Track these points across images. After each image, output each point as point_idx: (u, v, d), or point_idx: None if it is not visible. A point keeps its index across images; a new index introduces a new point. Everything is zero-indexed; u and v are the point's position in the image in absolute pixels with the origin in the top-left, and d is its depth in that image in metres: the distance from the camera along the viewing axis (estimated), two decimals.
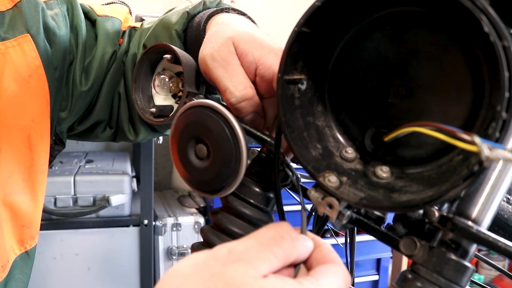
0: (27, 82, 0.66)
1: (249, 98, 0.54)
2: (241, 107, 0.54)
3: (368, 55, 0.45)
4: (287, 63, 0.42)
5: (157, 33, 0.73)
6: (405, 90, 0.43)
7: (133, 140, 0.83)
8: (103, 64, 0.76)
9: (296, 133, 0.44)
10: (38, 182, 0.70)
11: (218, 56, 0.55)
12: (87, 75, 0.75)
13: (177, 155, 0.50)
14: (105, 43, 0.77)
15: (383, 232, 0.44)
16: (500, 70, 0.32)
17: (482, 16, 0.32)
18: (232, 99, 0.54)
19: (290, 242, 0.38)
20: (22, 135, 0.67)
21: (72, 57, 0.74)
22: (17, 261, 0.67)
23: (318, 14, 0.41)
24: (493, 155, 0.30)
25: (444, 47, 0.40)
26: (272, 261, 0.37)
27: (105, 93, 0.78)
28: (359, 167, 0.45)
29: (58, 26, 0.71)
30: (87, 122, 0.80)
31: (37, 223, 0.70)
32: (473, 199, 0.40)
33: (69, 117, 0.76)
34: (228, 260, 0.36)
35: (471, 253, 0.40)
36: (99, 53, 0.76)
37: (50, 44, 0.70)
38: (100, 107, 0.79)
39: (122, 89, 0.79)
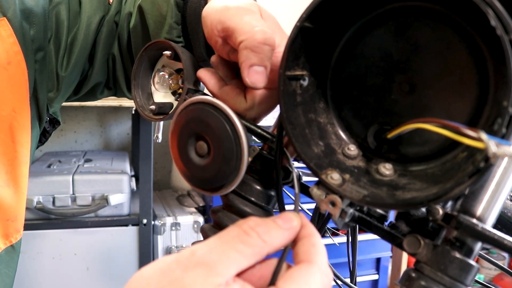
0: (5, 69, 0.63)
1: (273, 45, 0.49)
2: (262, 51, 0.48)
3: (370, 51, 0.44)
4: (288, 59, 0.42)
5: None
6: (409, 86, 0.43)
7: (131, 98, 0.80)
8: (89, 35, 0.72)
9: (298, 130, 0.43)
10: (21, 174, 0.68)
11: (245, 6, 0.52)
12: (70, 55, 0.72)
13: (177, 153, 0.49)
14: (90, 9, 0.72)
15: (386, 230, 0.43)
16: (506, 64, 0.31)
17: (488, 9, 0.32)
18: (259, 35, 0.48)
19: (256, 237, 0.36)
20: (3, 126, 0.64)
21: (50, 34, 0.70)
22: (2, 255, 0.66)
23: (321, 9, 0.40)
24: (500, 151, 0.29)
25: (448, 42, 0.40)
26: (239, 261, 0.35)
27: (99, 59, 0.75)
28: (361, 165, 0.44)
29: (37, 4, 0.67)
30: (83, 90, 0.78)
31: (22, 216, 0.69)
32: (478, 196, 0.39)
33: (58, 96, 0.74)
34: (190, 263, 0.34)
35: (475, 251, 0.39)
36: (84, 24, 0.72)
37: (31, 25, 0.67)
38: (96, 73, 0.76)
39: (116, 51, 0.76)
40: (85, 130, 2.69)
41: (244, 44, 0.49)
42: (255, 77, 0.48)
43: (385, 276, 2.42)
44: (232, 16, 0.50)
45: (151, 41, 0.59)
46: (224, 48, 0.54)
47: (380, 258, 2.37)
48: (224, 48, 0.54)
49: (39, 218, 1.88)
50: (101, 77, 0.78)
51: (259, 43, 0.48)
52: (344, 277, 0.63)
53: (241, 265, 0.35)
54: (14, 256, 0.68)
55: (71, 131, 2.66)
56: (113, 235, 1.96)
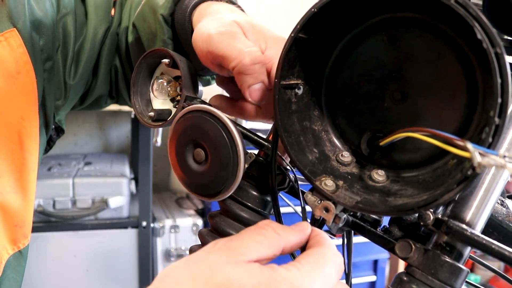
0: (15, 78, 0.65)
1: (261, 62, 0.52)
2: (254, 71, 0.51)
3: (363, 60, 0.45)
4: (283, 69, 0.43)
5: (145, 14, 0.70)
6: (401, 95, 0.44)
7: None
8: (95, 45, 0.74)
9: (293, 137, 0.44)
10: (29, 180, 0.69)
11: (224, 29, 0.54)
12: (77, 64, 0.74)
13: (176, 159, 0.50)
14: (95, 20, 0.74)
15: (379, 235, 0.45)
16: (493, 76, 0.32)
17: (475, 23, 0.33)
18: (247, 59, 0.51)
19: (271, 231, 0.39)
20: (12, 133, 0.66)
21: (58, 44, 0.72)
22: (10, 260, 0.67)
23: (315, 20, 0.41)
24: (485, 161, 0.30)
25: (439, 52, 0.41)
26: (258, 248, 0.37)
27: (103, 70, 0.77)
28: (355, 171, 0.45)
29: (46, 15, 0.69)
30: (88, 100, 0.80)
31: (29, 221, 0.70)
32: (467, 202, 0.41)
33: (66, 104, 0.75)
34: (213, 249, 0.37)
35: (465, 255, 0.40)
36: (90, 34, 0.74)
37: (40, 35, 0.68)
38: (100, 84, 0.78)
39: (118, 62, 0.78)
40: (85, 133, 2.70)
41: (236, 70, 0.52)
42: (255, 95, 0.52)
43: (382, 277, 2.42)
44: (217, 44, 0.53)
45: (150, 49, 0.60)
46: (222, 71, 0.57)
47: (378, 260, 2.38)
48: (222, 71, 0.57)
49: (40, 221, 1.88)
50: (104, 89, 0.80)
51: (249, 66, 0.51)
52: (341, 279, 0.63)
53: (260, 252, 0.37)
54: (22, 262, 0.69)
55: (71, 133, 2.67)
56: (112, 237, 1.97)
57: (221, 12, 0.59)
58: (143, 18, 0.70)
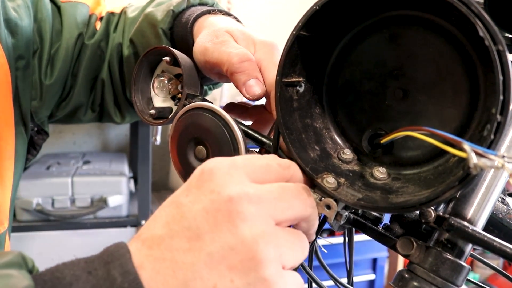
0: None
1: (250, 59, 0.55)
2: (244, 68, 0.54)
3: (365, 58, 0.45)
4: (285, 66, 0.43)
5: (143, 29, 0.73)
6: (402, 93, 0.44)
7: (119, 122, 0.84)
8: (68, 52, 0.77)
9: (294, 135, 0.44)
10: (5, 168, 0.70)
11: (217, 39, 0.58)
12: (52, 67, 0.76)
13: (177, 157, 0.50)
14: (70, 31, 0.77)
15: (380, 232, 0.45)
16: (494, 73, 0.32)
17: (477, 21, 0.33)
18: (235, 58, 0.54)
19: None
20: None
21: (36, 47, 0.75)
22: None
23: (316, 18, 0.41)
24: (481, 163, 0.31)
25: (440, 50, 0.41)
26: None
27: (82, 79, 0.79)
28: (356, 168, 0.45)
29: (20, 17, 0.71)
30: (66, 108, 0.81)
31: (6, 208, 0.70)
32: (469, 199, 0.41)
33: (43, 106, 0.77)
34: None
35: (466, 252, 0.41)
36: (65, 41, 0.77)
37: (12, 34, 0.70)
38: (78, 93, 0.80)
39: (106, 76, 0.80)
40: (83, 132, 2.69)
41: (229, 72, 0.55)
42: (251, 90, 0.53)
43: (381, 276, 2.43)
44: (212, 53, 0.58)
45: (151, 47, 0.61)
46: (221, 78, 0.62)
47: (377, 258, 2.38)
48: (221, 78, 0.62)
49: (39, 219, 1.88)
50: (84, 98, 0.82)
51: (238, 64, 0.54)
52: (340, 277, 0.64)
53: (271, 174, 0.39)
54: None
55: (70, 132, 2.66)
56: (111, 236, 1.96)
57: (216, 24, 0.63)
58: (141, 33, 0.73)
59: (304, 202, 0.38)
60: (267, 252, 0.34)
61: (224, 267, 0.33)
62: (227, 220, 0.34)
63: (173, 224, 0.35)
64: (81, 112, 0.83)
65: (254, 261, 0.33)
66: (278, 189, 0.37)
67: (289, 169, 0.40)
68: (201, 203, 0.35)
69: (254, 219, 0.34)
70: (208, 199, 0.35)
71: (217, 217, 0.34)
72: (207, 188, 0.35)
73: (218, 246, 0.33)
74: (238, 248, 0.33)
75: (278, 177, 0.39)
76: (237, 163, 0.37)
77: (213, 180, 0.35)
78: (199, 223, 0.34)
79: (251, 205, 0.34)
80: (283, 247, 0.35)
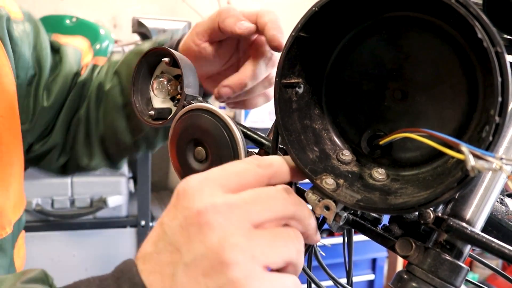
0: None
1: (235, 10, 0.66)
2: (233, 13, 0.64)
3: (364, 59, 0.45)
4: (284, 67, 0.43)
5: (129, 60, 0.79)
6: (401, 94, 0.44)
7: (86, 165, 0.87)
8: (67, 82, 0.81)
9: (293, 136, 0.44)
10: (7, 174, 0.70)
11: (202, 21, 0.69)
12: (49, 92, 0.80)
13: (176, 158, 0.50)
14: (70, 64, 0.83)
15: (379, 233, 0.45)
16: (493, 75, 0.32)
17: (475, 22, 0.33)
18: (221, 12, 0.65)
19: None
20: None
21: (33, 73, 0.78)
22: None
23: (315, 19, 0.41)
24: (478, 165, 0.31)
25: (439, 51, 0.41)
26: None
27: (63, 116, 0.83)
28: (355, 170, 0.45)
29: (21, 40, 0.74)
30: (45, 145, 0.84)
31: (7, 213, 0.71)
32: (467, 200, 0.41)
33: (31, 130, 0.79)
34: None
35: (465, 253, 0.41)
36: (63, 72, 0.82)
37: (14, 52, 0.73)
38: (58, 129, 0.83)
39: (83, 114, 0.84)
40: None
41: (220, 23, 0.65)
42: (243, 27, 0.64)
43: (381, 276, 2.43)
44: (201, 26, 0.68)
45: (151, 48, 0.61)
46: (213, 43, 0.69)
47: (376, 258, 2.38)
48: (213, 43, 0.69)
49: (38, 220, 1.88)
50: (60, 138, 0.84)
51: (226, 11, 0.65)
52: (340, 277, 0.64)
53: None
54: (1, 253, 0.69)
55: None
56: (111, 236, 1.96)
57: None
58: (127, 65, 0.79)
59: (283, 201, 0.39)
60: (234, 255, 0.35)
61: (199, 275, 0.36)
62: (198, 232, 0.36)
63: (158, 241, 0.38)
64: (55, 153, 0.86)
65: (222, 265, 0.35)
66: (251, 193, 0.39)
67: (271, 167, 0.41)
68: (177, 220, 0.38)
69: (221, 227, 0.36)
70: (182, 216, 0.38)
71: (190, 230, 0.37)
72: (181, 206, 0.38)
73: (192, 256, 0.36)
74: (208, 255, 0.36)
75: (256, 179, 0.40)
76: (209, 177, 0.39)
77: (185, 198, 0.38)
78: (177, 238, 0.37)
79: (218, 214, 0.37)
80: (259, 247, 0.37)
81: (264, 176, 0.40)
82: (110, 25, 2.58)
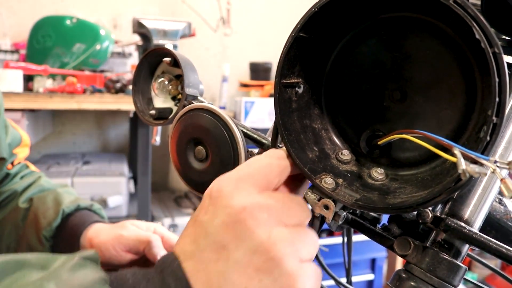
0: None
1: None
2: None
3: (363, 59, 0.46)
4: (284, 67, 0.43)
5: (46, 202, 0.84)
6: (400, 94, 0.44)
7: None
8: None
9: (293, 135, 0.45)
10: None
11: None
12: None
13: (177, 157, 0.51)
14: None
15: (378, 232, 0.45)
16: (491, 76, 0.33)
17: (473, 23, 0.33)
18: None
19: None
20: None
21: None
22: None
23: (315, 19, 0.41)
24: (469, 169, 0.31)
25: (438, 52, 0.41)
26: None
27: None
28: (354, 169, 0.45)
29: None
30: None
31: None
32: (466, 200, 0.41)
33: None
34: None
35: (463, 253, 0.41)
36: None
37: None
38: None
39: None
40: (83, 132, 2.70)
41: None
42: None
43: (380, 276, 2.43)
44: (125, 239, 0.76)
45: (151, 48, 0.61)
46: None
47: (375, 258, 2.39)
48: None
49: None
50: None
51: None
52: (339, 277, 0.64)
53: None
54: None
55: (70, 133, 2.67)
56: None
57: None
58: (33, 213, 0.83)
59: (305, 212, 0.41)
60: (284, 249, 0.37)
61: (251, 270, 0.37)
62: (245, 228, 0.37)
63: (200, 239, 0.39)
64: None
65: (275, 259, 0.37)
66: (284, 198, 0.40)
67: (284, 158, 0.43)
68: (219, 217, 0.38)
69: (267, 224, 0.38)
70: (224, 214, 0.38)
71: (236, 227, 0.37)
72: (221, 204, 0.39)
73: (242, 253, 0.37)
74: (260, 250, 0.37)
75: (280, 170, 0.42)
76: (242, 176, 0.40)
77: (224, 197, 0.39)
78: (222, 236, 0.38)
79: (262, 212, 0.38)
80: (297, 243, 0.38)
81: (287, 167, 0.42)
82: (110, 26, 2.58)
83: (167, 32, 1.83)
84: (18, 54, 2.19)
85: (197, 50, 2.82)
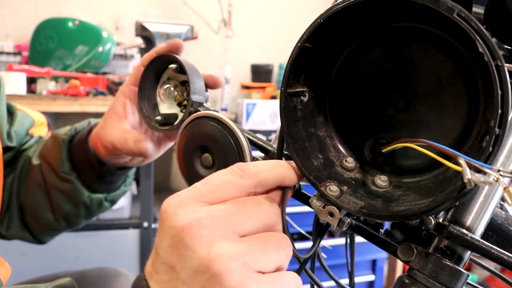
0: None
1: None
2: None
3: (368, 68, 0.46)
4: (290, 77, 0.44)
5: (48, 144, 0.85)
6: (404, 103, 0.45)
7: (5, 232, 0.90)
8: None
9: (298, 143, 0.45)
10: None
11: None
12: None
13: (183, 164, 0.51)
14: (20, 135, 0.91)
15: (381, 238, 0.46)
16: (493, 88, 0.34)
17: (477, 37, 0.34)
18: None
19: None
20: None
21: None
22: None
23: (320, 30, 0.42)
24: (475, 178, 0.32)
25: (441, 62, 0.42)
26: None
27: None
28: (359, 176, 0.46)
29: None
30: None
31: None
32: (468, 207, 0.42)
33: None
34: None
35: (465, 259, 0.42)
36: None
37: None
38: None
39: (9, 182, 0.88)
40: None
41: None
42: None
43: (380, 277, 2.43)
44: None
45: (157, 54, 0.62)
46: None
47: (376, 259, 2.39)
48: None
49: None
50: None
51: None
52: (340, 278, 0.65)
53: None
54: None
55: None
56: (114, 238, 1.97)
57: None
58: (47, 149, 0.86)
59: (266, 210, 0.41)
60: (225, 264, 0.36)
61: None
62: (187, 248, 0.37)
63: (155, 262, 0.40)
64: None
65: (217, 276, 0.36)
66: (234, 204, 0.40)
67: (255, 176, 0.42)
68: (165, 240, 0.39)
69: (208, 240, 0.37)
70: (169, 235, 0.39)
71: (179, 248, 0.38)
72: (166, 226, 0.39)
73: (187, 273, 0.37)
74: (201, 269, 0.37)
75: (240, 190, 0.41)
76: (190, 194, 0.41)
77: (168, 218, 0.39)
78: (170, 257, 0.38)
79: (202, 228, 0.37)
80: (249, 253, 0.38)
81: (248, 187, 0.41)
82: (112, 28, 2.59)
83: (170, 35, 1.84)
84: (20, 56, 2.20)
85: (199, 52, 2.82)
